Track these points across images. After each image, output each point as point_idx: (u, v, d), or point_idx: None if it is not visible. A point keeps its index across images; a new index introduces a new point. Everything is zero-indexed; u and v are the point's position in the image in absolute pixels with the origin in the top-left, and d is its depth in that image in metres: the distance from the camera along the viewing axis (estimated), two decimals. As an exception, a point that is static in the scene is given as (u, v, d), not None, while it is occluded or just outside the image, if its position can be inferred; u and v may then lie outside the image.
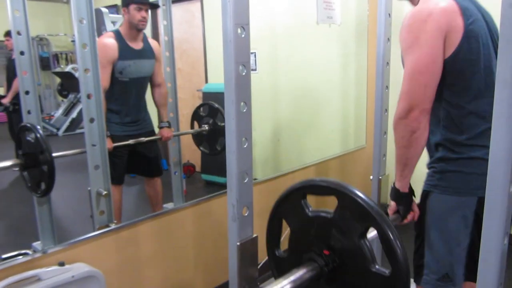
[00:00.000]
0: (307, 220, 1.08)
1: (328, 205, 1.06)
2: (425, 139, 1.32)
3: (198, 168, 4.32)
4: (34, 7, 7.31)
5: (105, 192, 1.81)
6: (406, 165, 1.37)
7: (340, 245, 0.99)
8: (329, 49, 3.24)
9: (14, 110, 4.39)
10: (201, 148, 2.97)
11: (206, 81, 4.32)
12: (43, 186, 1.86)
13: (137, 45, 2.52)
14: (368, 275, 0.94)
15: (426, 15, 1.26)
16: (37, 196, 1.97)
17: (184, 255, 2.19)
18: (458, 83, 1.31)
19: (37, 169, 1.83)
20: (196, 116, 2.94)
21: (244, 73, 1.10)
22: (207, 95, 3.98)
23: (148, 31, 4.47)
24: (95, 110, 1.76)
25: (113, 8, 5.75)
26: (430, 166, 1.43)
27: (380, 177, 2.27)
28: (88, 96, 1.73)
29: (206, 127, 2.88)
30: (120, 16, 5.30)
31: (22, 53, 2.02)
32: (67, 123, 6.90)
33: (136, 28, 2.47)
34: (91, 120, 1.76)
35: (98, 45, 2.31)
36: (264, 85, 3.32)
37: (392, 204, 1.47)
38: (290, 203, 1.15)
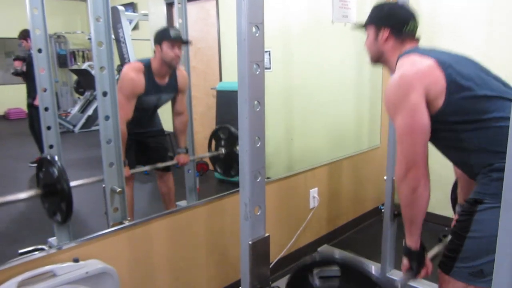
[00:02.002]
0: None
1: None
2: (427, 196, 1.37)
3: (211, 166, 4.33)
4: (53, 5, 7.43)
5: (119, 189, 1.82)
6: (412, 222, 1.43)
7: None
8: (344, 48, 3.22)
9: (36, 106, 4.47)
10: (216, 166, 2.96)
11: (220, 80, 4.33)
12: (60, 217, 1.90)
13: (163, 81, 2.52)
14: None
15: (400, 81, 1.36)
16: (57, 223, 2.03)
17: (196, 253, 2.20)
18: (471, 116, 1.35)
19: (56, 199, 1.87)
20: (214, 137, 2.93)
21: (257, 72, 1.10)
22: (221, 94, 3.98)
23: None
24: (110, 108, 1.77)
25: (129, 6, 5.81)
26: (484, 176, 1.39)
27: (394, 178, 2.26)
28: (104, 94, 1.75)
29: (223, 150, 2.87)
30: (136, 14, 5.35)
31: (40, 50, 2.05)
32: (83, 120, 6.99)
33: (168, 66, 2.46)
34: (106, 118, 1.78)
35: (126, 77, 2.40)
36: (278, 84, 3.31)
37: (405, 261, 1.50)
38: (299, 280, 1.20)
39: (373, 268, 0.98)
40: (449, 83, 1.33)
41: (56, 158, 1.92)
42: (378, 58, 1.61)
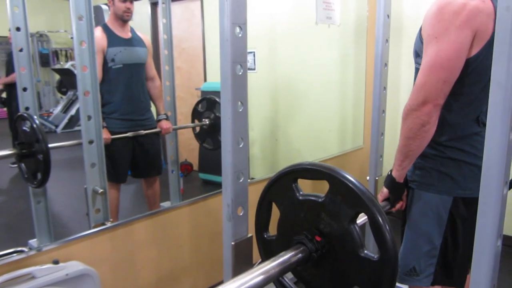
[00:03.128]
0: (297, 204, 1.08)
1: (321, 191, 1.05)
2: (432, 133, 1.29)
3: (195, 167, 4.32)
4: (35, 3, 7.31)
5: (101, 190, 1.81)
6: (407, 156, 1.34)
7: (329, 229, 0.99)
8: (328, 49, 3.24)
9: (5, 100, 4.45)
10: (204, 144, 2.95)
11: (205, 80, 4.32)
12: (39, 176, 1.84)
13: (126, 35, 2.55)
14: (357, 259, 0.94)
15: (459, 8, 1.19)
16: (33, 187, 1.95)
17: (180, 254, 2.19)
18: (464, 87, 1.28)
19: (33, 159, 1.81)
20: (195, 113, 2.93)
21: (240, 73, 1.10)
22: (205, 94, 3.96)
23: (147, 29, 4.48)
24: (92, 108, 1.76)
25: (113, 5, 5.74)
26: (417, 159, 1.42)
27: (377, 178, 2.28)
28: (85, 94, 1.73)
29: (206, 121, 2.87)
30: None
31: (21, 50, 2.02)
32: (65, 120, 6.88)
33: (121, 19, 2.49)
34: (88, 118, 1.76)
35: None
36: (263, 85, 3.32)
37: (385, 191, 1.46)
38: (280, 187, 1.14)
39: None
40: (489, 42, 1.20)
41: (34, 116, 1.87)
42: None
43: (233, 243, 1.18)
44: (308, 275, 1.07)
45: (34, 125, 1.79)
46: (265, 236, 1.21)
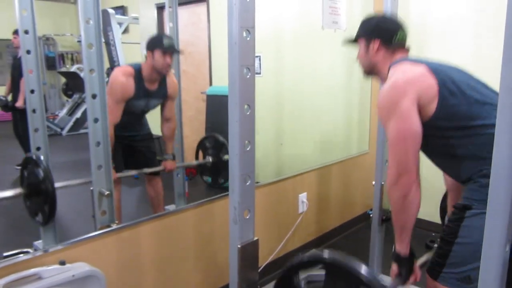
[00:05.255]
0: None
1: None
2: (418, 202, 1.37)
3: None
4: (41, 6, 7.36)
5: (107, 192, 1.81)
6: (403, 228, 1.43)
7: None
8: (334, 54, 3.25)
9: (20, 109, 4.43)
10: (204, 177, 2.98)
11: (211, 84, 4.33)
12: (42, 217, 1.89)
13: (153, 86, 2.53)
14: None
15: (392, 88, 1.38)
16: (39, 225, 2.01)
17: (184, 257, 2.19)
18: (463, 121, 1.36)
19: (39, 199, 1.86)
20: (201, 146, 2.95)
21: (248, 76, 1.11)
22: (211, 98, 3.98)
23: (153, 33, 4.50)
24: (99, 110, 1.77)
25: (119, 9, 5.79)
26: (472, 182, 1.41)
27: (382, 183, 2.28)
28: (93, 96, 1.74)
29: (210, 159, 2.89)
30: (126, 17, 5.34)
31: (28, 52, 2.03)
32: (71, 123, 6.92)
33: (159, 73, 2.47)
34: (95, 120, 1.77)
35: (116, 80, 2.40)
36: (268, 89, 3.32)
37: (394, 267, 1.50)
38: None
39: (363, 267, 0.97)
40: (441, 88, 1.35)
41: (42, 157, 1.91)
42: (370, 70, 1.64)
43: (239, 246, 1.18)
44: None
45: (42, 168, 1.84)
46: None
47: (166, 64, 2.43)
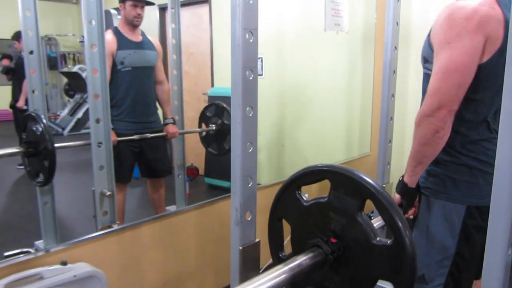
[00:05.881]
0: (305, 211, 1.07)
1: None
2: (446, 140, 1.28)
3: (201, 172, 4.32)
4: (44, 7, 7.37)
5: (109, 193, 1.81)
6: (420, 162, 1.33)
7: (340, 226, 0.98)
8: (336, 56, 3.25)
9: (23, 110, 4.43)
10: (209, 149, 2.96)
11: (212, 85, 4.33)
12: (41, 177, 1.85)
13: (136, 38, 2.58)
14: (371, 249, 0.92)
15: (471, 13, 1.20)
16: (38, 185, 1.96)
17: (186, 258, 2.19)
18: (476, 93, 1.27)
19: (39, 158, 1.82)
20: (203, 118, 2.95)
21: (251, 78, 1.11)
22: (212, 99, 3.97)
23: (156, 33, 4.51)
24: (101, 111, 1.77)
25: (121, 10, 5.79)
26: (429, 166, 1.40)
27: (384, 186, 2.27)
28: (95, 96, 1.74)
29: (213, 126, 2.88)
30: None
31: (31, 52, 2.03)
32: (72, 123, 6.92)
33: (131, 24, 2.52)
34: (98, 121, 1.77)
35: None
36: (270, 91, 3.33)
37: (397, 197, 1.44)
38: (285, 200, 1.14)
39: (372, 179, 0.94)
40: (501, 47, 1.21)
41: (42, 116, 1.87)
42: None
43: (240, 247, 1.18)
44: (328, 284, 1.03)
45: (42, 126, 1.80)
46: (281, 255, 1.19)
47: (137, 14, 2.50)
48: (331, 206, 1.00)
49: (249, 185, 1.17)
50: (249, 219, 1.19)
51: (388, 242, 0.90)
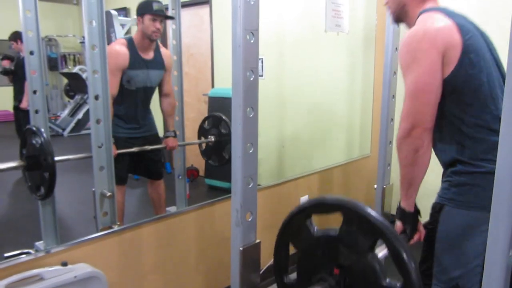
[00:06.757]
0: (314, 241, 1.07)
1: (332, 223, 1.04)
2: (429, 157, 1.33)
3: (201, 173, 4.32)
4: (44, 7, 7.37)
5: (109, 194, 1.81)
6: (410, 184, 1.38)
7: (349, 262, 0.98)
8: (336, 57, 3.25)
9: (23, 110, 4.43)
10: (210, 161, 2.97)
11: (213, 86, 4.33)
12: (42, 190, 1.87)
13: (148, 55, 2.52)
14: None
15: (422, 35, 1.29)
16: (37, 199, 1.98)
17: (186, 258, 2.19)
18: (464, 98, 1.32)
19: (39, 172, 1.83)
20: (201, 130, 2.95)
21: (252, 79, 1.11)
22: (213, 100, 3.99)
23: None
24: (102, 112, 1.77)
25: (122, 10, 5.81)
26: (445, 180, 1.42)
27: (384, 186, 2.28)
28: (96, 97, 1.74)
29: (212, 138, 2.88)
30: (129, 19, 5.35)
31: (31, 53, 2.04)
32: (72, 124, 6.92)
33: (149, 39, 2.46)
34: (98, 121, 1.77)
35: (109, 51, 2.34)
36: (270, 92, 3.32)
37: (398, 224, 1.46)
38: (295, 226, 1.13)
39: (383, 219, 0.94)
40: (463, 54, 1.27)
41: (42, 129, 1.88)
42: (399, 13, 1.50)
43: (241, 248, 1.18)
44: None
45: (42, 140, 1.81)
46: (285, 280, 1.19)
47: (156, 29, 2.42)
48: (342, 240, 1.00)
49: (250, 186, 1.17)
50: (249, 220, 1.19)
51: (398, 285, 0.90)
